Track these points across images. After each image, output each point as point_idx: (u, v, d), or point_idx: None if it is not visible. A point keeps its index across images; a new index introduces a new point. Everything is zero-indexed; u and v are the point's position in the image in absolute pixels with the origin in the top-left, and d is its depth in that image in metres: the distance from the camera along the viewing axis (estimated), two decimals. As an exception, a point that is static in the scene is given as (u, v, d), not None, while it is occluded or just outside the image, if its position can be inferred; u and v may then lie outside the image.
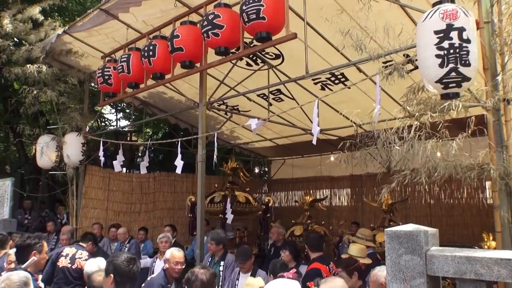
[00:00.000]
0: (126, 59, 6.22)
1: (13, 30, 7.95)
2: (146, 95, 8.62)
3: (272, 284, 2.83)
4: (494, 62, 2.97)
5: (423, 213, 8.08)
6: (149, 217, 9.60)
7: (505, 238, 2.86)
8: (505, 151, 2.88)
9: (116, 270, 2.98)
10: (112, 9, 6.11)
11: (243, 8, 4.55)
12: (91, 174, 8.63)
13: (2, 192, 11.18)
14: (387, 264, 2.93)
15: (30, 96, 7.90)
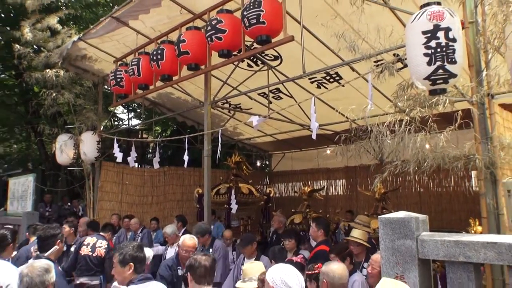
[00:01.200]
0: (137, 63, 6.22)
1: (32, 38, 7.97)
2: (155, 95, 8.61)
3: (276, 267, 2.81)
4: (479, 60, 2.94)
5: (413, 201, 8.07)
6: (159, 208, 9.61)
7: (491, 223, 2.84)
8: (489, 142, 2.85)
9: (135, 258, 3.04)
10: (122, 17, 6.11)
11: (244, 14, 4.55)
12: (106, 169, 8.65)
13: (25, 187, 11.24)
14: (381, 249, 2.93)
15: (49, 98, 7.92)
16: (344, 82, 6.50)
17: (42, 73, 7.75)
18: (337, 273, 2.94)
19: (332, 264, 3.08)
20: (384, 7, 4.34)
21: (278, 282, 2.62)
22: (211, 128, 5.91)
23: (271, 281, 2.67)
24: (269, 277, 2.70)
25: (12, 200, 11.95)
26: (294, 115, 7.98)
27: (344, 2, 3.92)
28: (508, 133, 3.18)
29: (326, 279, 2.92)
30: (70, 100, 8.02)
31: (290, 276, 2.67)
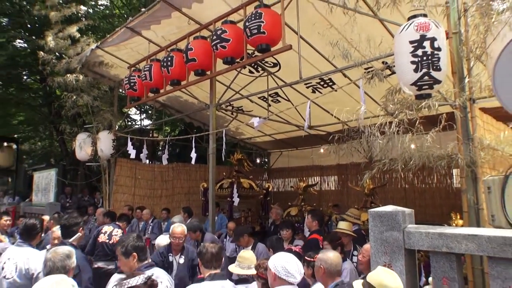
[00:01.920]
0: (149, 69, 6.20)
1: (55, 46, 7.97)
2: (165, 98, 8.56)
3: (278, 255, 2.79)
4: (461, 67, 2.90)
5: (399, 196, 7.99)
6: (168, 200, 9.58)
7: (471, 217, 2.80)
8: (471, 143, 2.81)
9: (136, 248, 3.00)
10: (136, 27, 6.12)
11: (246, 24, 4.52)
12: (121, 165, 8.62)
13: (48, 180, 11.27)
14: (371, 240, 2.89)
15: (70, 100, 7.92)
16: (337, 87, 6.48)
17: (64, 77, 7.74)
18: (334, 260, 2.93)
19: (329, 252, 3.06)
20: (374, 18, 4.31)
21: (280, 269, 2.62)
22: (215, 128, 5.88)
23: (273, 268, 2.65)
24: (272, 264, 2.69)
25: (37, 192, 11.99)
26: (291, 117, 7.95)
27: (337, 14, 3.89)
28: (488, 134, 3.13)
29: (324, 266, 2.90)
30: (88, 102, 8.01)
31: (291, 263, 2.66)
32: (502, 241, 2.01)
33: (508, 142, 2.80)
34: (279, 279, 2.61)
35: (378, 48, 3.68)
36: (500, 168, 2.86)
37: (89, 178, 12.25)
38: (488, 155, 2.78)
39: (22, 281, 3.44)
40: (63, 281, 2.29)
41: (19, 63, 11.63)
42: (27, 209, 11.33)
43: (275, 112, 7.43)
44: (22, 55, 11.48)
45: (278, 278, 2.62)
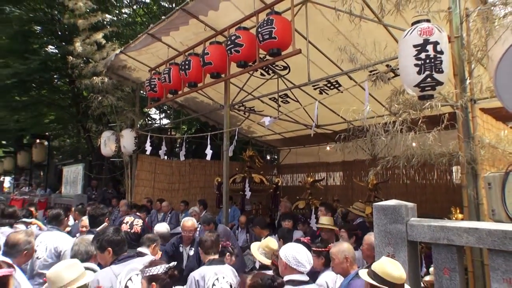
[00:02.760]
0: (168, 72, 6.22)
1: (82, 51, 8.03)
2: (183, 99, 8.58)
3: (288, 245, 2.78)
4: (463, 69, 2.83)
5: (401, 191, 7.81)
6: (185, 193, 9.60)
7: (471, 212, 2.74)
8: (471, 142, 2.75)
9: (111, 242, 2.85)
10: (156, 33, 6.13)
11: (258, 30, 4.51)
12: (141, 160, 8.66)
13: (76, 174, 11.43)
14: (375, 231, 2.85)
15: (96, 101, 7.98)
16: (343, 89, 6.41)
17: (90, 80, 7.81)
18: (352, 250, 3.03)
19: (345, 244, 3.13)
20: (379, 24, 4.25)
21: (291, 259, 2.61)
22: (229, 127, 5.87)
23: (284, 258, 2.64)
24: (282, 254, 2.68)
25: (66, 184, 12.16)
26: (300, 117, 7.90)
27: (344, 21, 3.85)
28: (488, 133, 3.06)
29: (348, 255, 2.96)
30: (112, 103, 8.06)
31: (301, 254, 2.65)
32: (503, 234, 1.96)
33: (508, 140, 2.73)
34: (290, 268, 2.60)
35: (383, 52, 3.63)
36: (500, 165, 2.80)
37: (113, 173, 12.35)
38: (488, 153, 2.71)
39: (52, 260, 3.56)
40: (75, 265, 2.30)
41: (50, 67, 11.75)
42: (57, 200, 11.50)
43: (284, 112, 7.41)
44: (53, 60, 11.59)
45: (288, 267, 2.61)
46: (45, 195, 12.86)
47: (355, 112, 3.69)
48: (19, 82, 11.56)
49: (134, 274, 2.59)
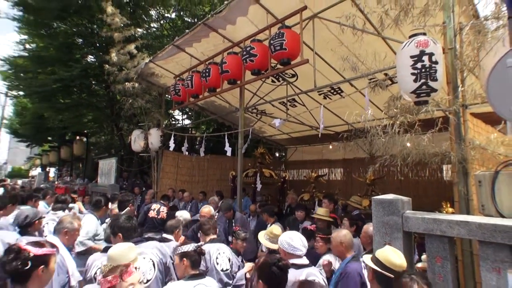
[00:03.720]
0: (190, 78, 6.24)
1: (117, 60, 8.10)
2: (203, 102, 8.60)
3: (284, 234, 2.77)
4: (456, 78, 2.75)
5: (395, 187, 7.53)
6: (204, 185, 9.61)
7: (462, 206, 2.67)
8: (463, 143, 2.67)
9: (121, 228, 2.83)
10: (181, 45, 6.15)
11: (271, 42, 4.48)
12: (166, 156, 8.69)
13: (110, 166, 11.53)
14: (373, 222, 2.80)
15: (127, 104, 8.06)
16: (344, 95, 6.34)
17: (123, 85, 7.87)
18: (349, 237, 2.99)
19: (344, 231, 3.08)
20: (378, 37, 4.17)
21: (286, 245, 2.63)
22: (243, 127, 5.85)
23: (281, 245, 2.67)
24: (279, 242, 2.72)
25: (101, 175, 12.29)
26: (305, 119, 7.84)
27: (347, 34, 3.78)
28: (477, 136, 2.97)
29: (343, 241, 2.93)
30: (142, 105, 8.12)
31: (295, 240, 2.66)
32: (492, 228, 1.89)
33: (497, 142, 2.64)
34: (288, 254, 2.61)
35: (382, 62, 3.56)
36: (489, 165, 2.71)
37: (141, 166, 12.45)
38: (478, 153, 2.63)
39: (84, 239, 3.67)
40: (133, 247, 2.30)
41: (90, 74, 11.87)
42: (94, 188, 11.64)
43: (292, 114, 7.35)
44: (92, 68, 11.70)
45: (287, 253, 2.61)
46: (84, 184, 13.05)
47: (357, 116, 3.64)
48: (63, 87, 11.73)
49: (141, 258, 2.56)
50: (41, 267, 1.81)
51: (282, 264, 1.99)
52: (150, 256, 2.75)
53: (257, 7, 4.73)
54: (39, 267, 1.80)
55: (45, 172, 23.46)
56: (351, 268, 2.78)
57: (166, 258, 2.86)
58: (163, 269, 2.78)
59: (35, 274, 1.78)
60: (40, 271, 1.80)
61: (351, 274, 2.73)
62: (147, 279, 2.60)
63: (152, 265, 2.70)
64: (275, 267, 1.95)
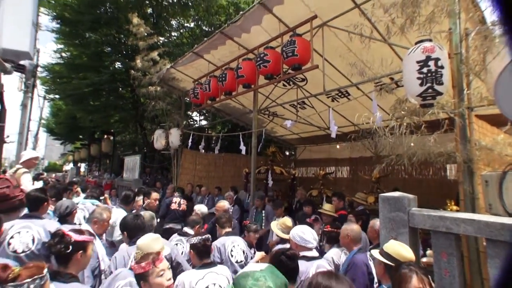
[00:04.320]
0: (208, 83, 6.24)
1: (141, 67, 8.19)
2: (219, 105, 8.57)
3: (295, 228, 2.73)
4: (461, 82, 2.64)
5: (399, 185, 7.17)
6: (219, 181, 9.57)
7: (467, 204, 2.57)
8: (468, 144, 2.56)
9: (126, 226, 2.77)
10: (200, 52, 6.16)
11: (283, 49, 4.44)
12: (185, 153, 8.72)
13: (134, 162, 11.66)
14: (380, 218, 2.71)
15: (150, 106, 8.12)
16: (351, 98, 6.24)
17: (147, 89, 7.95)
18: (357, 230, 2.92)
19: (353, 225, 3.02)
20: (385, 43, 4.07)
21: (298, 238, 2.59)
22: (257, 128, 5.82)
23: (292, 238, 2.63)
24: (291, 234, 2.69)
25: (126, 170, 12.44)
26: (314, 120, 7.76)
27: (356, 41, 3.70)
28: (483, 137, 2.85)
29: (350, 234, 2.87)
30: (163, 107, 8.18)
31: (306, 233, 2.63)
32: (500, 226, 1.80)
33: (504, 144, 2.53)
34: (300, 246, 2.58)
35: (389, 67, 3.46)
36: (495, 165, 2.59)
37: (162, 162, 12.58)
38: (484, 154, 2.52)
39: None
40: (159, 239, 2.30)
41: (117, 79, 12.05)
42: (120, 183, 11.79)
43: (302, 116, 7.28)
44: (119, 73, 11.88)
45: (299, 246, 2.58)
46: (111, 179, 13.25)
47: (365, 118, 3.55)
48: (93, 90, 11.95)
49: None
50: (80, 252, 1.85)
51: (290, 253, 1.99)
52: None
53: (270, 17, 4.68)
54: (78, 252, 1.84)
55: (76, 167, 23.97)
56: (357, 259, 2.75)
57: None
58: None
59: (74, 257, 1.82)
60: (79, 256, 1.84)
61: (358, 265, 2.70)
62: None
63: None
64: (284, 256, 1.93)
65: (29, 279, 1.33)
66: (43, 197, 2.96)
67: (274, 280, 1.17)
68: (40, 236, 2.66)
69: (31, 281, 1.33)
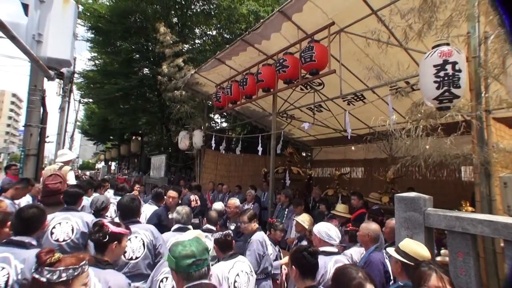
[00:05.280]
0: (230, 87, 6.30)
1: (167, 72, 8.37)
2: (240, 108, 8.65)
3: (320, 224, 2.71)
4: (479, 85, 2.56)
5: (414, 185, 6.92)
6: (239, 180, 9.64)
7: (484, 206, 2.48)
8: (485, 146, 2.48)
9: (119, 206, 2.72)
10: (222, 58, 6.23)
11: (301, 55, 4.44)
12: (207, 153, 8.80)
13: (160, 162, 11.91)
14: (396, 217, 2.67)
15: (175, 109, 8.28)
16: (367, 101, 6.14)
17: (172, 93, 8.13)
18: (376, 229, 2.87)
19: (372, 224, 2.96)
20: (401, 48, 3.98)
21: (323, 234, 2.57)
22: (275, 130, 5.83)
23: (317, 233, 2.60)
24: (316, 230, 2.64)
25: (153, 169, 12.73)
26: (330, 122, 7.68)
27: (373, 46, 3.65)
28: (500, 140, 2.75)
29: (370, 233, 2.82)
30: (187, 110, 8.33)
31: (331, 230, 2.60)
32: (519, 227, 1.74)
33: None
34: (323, 242, 2.55)
35: (405, 71, 3.39)
36: (513, 167, 2.49)
37: (186, 162, 12.78)
38: (501, 156, 2.43)
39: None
40: (201, 235, 2.27)
41: (145, 84, 12.32)
42: (147, 180, 12.07)
43: (318, 119, 7.22)
44: (147, 79, 12.15)
45: (322, 241, 2.56)
46: (139, 176, 13.59)
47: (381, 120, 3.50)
48: (123, 95, 12.34)
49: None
50: (115, 242, 1.92)
51: (311, 250, 1.99)
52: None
53: (289, 24, 4.69)
54: (114, 242, 1.90)
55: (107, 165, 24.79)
56: (374, 258, 2.70)
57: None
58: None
59: (110, 247, 1.89)
60: (114, 246, 1.91)
61: (374, 263, 2.65)
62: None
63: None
64: (306, 252, 1.94)
65: (62, 267, 1.36)
66: (81, 193, 3.11)
67: (197, 246, 1.57)
68: (79, 226, 2.80)
69: (64, 269, 1.36)
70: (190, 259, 1.51)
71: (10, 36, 2.97)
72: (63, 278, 1.34)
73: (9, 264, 1.85)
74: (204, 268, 1.55)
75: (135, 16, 11.90)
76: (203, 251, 1.57)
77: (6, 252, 1.88)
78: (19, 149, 5.31)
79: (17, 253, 1.88)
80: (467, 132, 2.66)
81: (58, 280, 1.33)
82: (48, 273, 1.33)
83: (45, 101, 5.28)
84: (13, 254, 1.88)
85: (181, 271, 1.51)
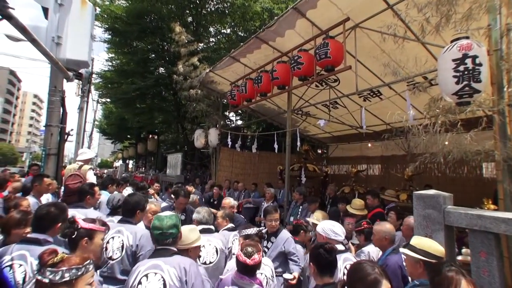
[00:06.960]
0: (244, 85, 6.35)
1: (183, 71, 8.51)
2: (255, 105, 8.70)
3: (323, 222, 2.74)
4: (501, 78, 2.49)
5: (433, 182, 6.82)
6: (255, 177, 9.67)
7: (507, 204, 2.42)
8: (508, 142, 2.42)
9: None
10: (236, 56, 6.27)
11: (316, 51, 4.42)
12: (223, 151, 8.89)
13: (176, 160, 12.14)
14: (415, 215, 2.65)
15: (191, 107, 8.42)
16: (384, 98, 6.05)
17: (188, 92, 8.26)
18: (392, 230, 2.85)
19: (387, 224, 2.91)
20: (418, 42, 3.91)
21: (329, 231, 2.59)
22: (290, 127, 5.84)
23: (323, 232, 2.61)
24: (320, 229, 2.65)
25: (169, 167, 12.97)
26: (346, 119, 7.61)
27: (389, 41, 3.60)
28: (524, 135, 2.66)
29: (388, 236, 2.78)
30: (203, 108, 8.44)
31: (335, 226, 2.62)
32: (543, 226, 1.70)
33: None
34: (330, 239, 2.53)
35: (423, 66, 3.34)
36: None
37: (202, 160, 12.95)
38: (524, 152, 2.36)
39: None
40: (195, 229, 2.36)
41: (161, 83, 12.52)
42: (163, 178, 12.33)
43: (334, 115, 7.17)
44: (163, 78, 12.35)
45: (328, 239, 2.54)
46: (155, 174, 13.93)
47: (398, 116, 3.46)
48: (140, 94, 12.61)
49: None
50: (85, 239, 1.86)
51: (328, 247, 2.01)
52: (215, 243, 2.77)
53: (303, 21, 4.69)
54: (83, 239, 1.86)
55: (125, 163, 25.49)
56: (391, 261, 2.63)
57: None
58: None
59: (80, 243, 1.85)
60: (84, 242, 1.86)
61: (392, 267, 2.58)
62: (209, 261, 2.68)
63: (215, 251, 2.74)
64: (322, 249, 1.96)
65: (65, 267, 1.33)
66: (87, 191, 3.12)
67: (167, 221, 2.01)
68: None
69: (67, 269, 1.33)
70: (158, 231, 1.99)
71: (31, 39, 3.11)
72: (66, 279, 1.31)
73: (25, 261, 1.88)
74: (169, 239, 1.99)
75: (150, 17, 12.13)
76: (171, 226, 2.01)
77: (23, 250, 1.91)
78: (41, 149, 5.56)
79: (33, 250, 1.89)
80: (489, 127, 2.59)
81: (61, 281, 1.30)
82: (50, 274, 1.30)
83: (65, 102, 5.50)
84: (29, 251, 1.90)
85: (153, 237, 2.03)
